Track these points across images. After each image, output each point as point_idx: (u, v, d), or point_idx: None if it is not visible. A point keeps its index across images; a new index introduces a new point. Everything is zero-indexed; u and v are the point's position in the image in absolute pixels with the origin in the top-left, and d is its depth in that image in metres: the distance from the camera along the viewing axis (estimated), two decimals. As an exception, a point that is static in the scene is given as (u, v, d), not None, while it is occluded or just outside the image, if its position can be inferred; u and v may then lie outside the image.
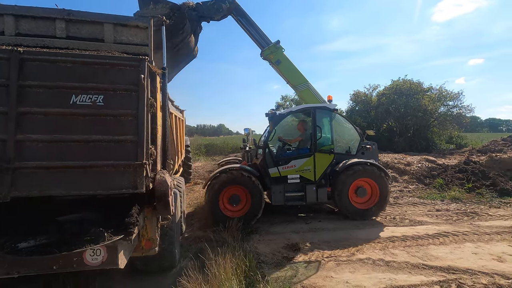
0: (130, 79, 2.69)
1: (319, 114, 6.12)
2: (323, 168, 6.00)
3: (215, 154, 25.09)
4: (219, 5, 6.63)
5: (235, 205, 5.71)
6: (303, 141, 6.35)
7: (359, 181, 5.89)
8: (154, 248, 3.25)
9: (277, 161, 5.99)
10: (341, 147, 6.40)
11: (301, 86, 7.14)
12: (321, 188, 5.93)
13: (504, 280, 3.46)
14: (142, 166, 2.61)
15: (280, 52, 7.09)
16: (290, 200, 5.92)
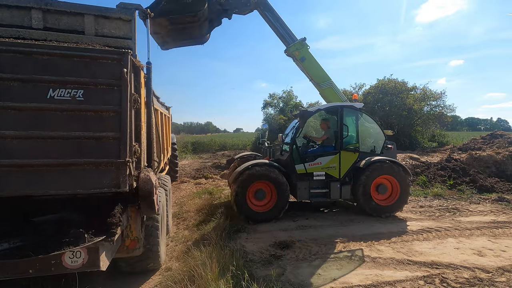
0: (112, 73, 2.58)
1: (346, 113, 6.18)
2: (348, 166, 6.08)
3: (202, 152, 24.84)
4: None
5: (261, 200, 5.81)
6: (328, 139, 6.41)
7: (380, 179, 5.99)
8: (139, 248, 3.16)
9: (304, 158, 6.07)
10: (366, 146, 6.44)
11: (324, 84, 7.10)
12: (344, 186, 6.04)
13: (484, 273, 3.56)
14: (125, 164, 2.51)
15: (306, 49, 7.05)
16: (315, 196, 6.05)
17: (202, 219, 5.91)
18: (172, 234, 5.35)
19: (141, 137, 3.09)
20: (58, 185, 2.38)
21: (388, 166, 5.91)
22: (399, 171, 5.93)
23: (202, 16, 5.85)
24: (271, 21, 6.96)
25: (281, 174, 5.75)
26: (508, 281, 3.38)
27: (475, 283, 3.34)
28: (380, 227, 5.34)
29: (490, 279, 3.43)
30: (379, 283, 3.36)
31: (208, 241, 4.51)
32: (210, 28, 6.68)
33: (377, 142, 6.45)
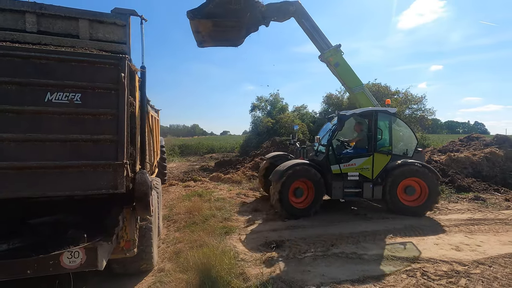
0: (110, 78, 2.64)
1: (380, 117, 6.48)
2: (381, 167, 6.36)
3: (189, 154, 24.72)
4: (286, 8, 6.87)
5: (299, 198, 6.24)
6: (361, 141, 6.66)
7: (408, 180, 6.23)
8: (133, 249, 3.21)
9: (339, 159, 6.42)
10: (399, 149, 6.71)
11: (356, 88, 7.35)
12: (377, 186, 6.31)
13: (461, 267, 3.82)
14: (123, 166, 2.58)
15: (340, 55, 7.26)
16: (348, 195, 6.38)
17: (192, 221, 5.96)
18: (163, 236, 5.37)
19: (136, 140, 3.16)
20: (56, 186, 2.41)
21: (415, 169, 6.14)
22: (426, 173, 6.12)
23: (243, 22, 6.28)
24: (308, 28, 7.21)
25: (318, 174, 6.18)
26: (482, 272, 3.65)
27: (452, 275, 3.59)
28: (366, 226, 5.57)
29: (466, 271, 3.68)
30: (365, 277, 3.55)
31: (199, 242, 4.59)
32: (247, 33, 6.97)
33: (409, 146, 6.71)
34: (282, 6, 6.89)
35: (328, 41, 7.33)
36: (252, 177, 10.85)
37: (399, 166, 6.22)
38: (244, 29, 6.61)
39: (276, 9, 6.89)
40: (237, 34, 6.76)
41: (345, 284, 3.40)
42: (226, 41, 7.17)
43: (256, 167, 11.75)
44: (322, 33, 7.33)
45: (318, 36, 7.29)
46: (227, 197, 8.22)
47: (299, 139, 8.02)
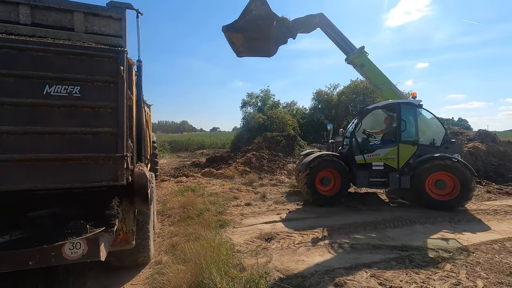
0: (109, 71, 2.66)
1: (404, 109, 6.64)
2: (407, 157, 6.52)
3: (180, 151, 24.60)
4: (310, 20, 7.43)
5: (326, 186, 6.69)
6: (388, 133, 6.90)
7: (438, 174, 6.21)
8: (131, 241, 3.25)
9: (362, 149, 6.76)
10: (426, 139, 6.79)
11: (383, 86, 7.54)
12: (404, 176, 6.44)
13: (446, 253, 4.03)
14: (123, 158, 2.61)
15: (364, 56, 7.54)
16: (373, 184, 6.65)
17: (187, 215, 6.00)
18: (157, 230, 5.40)
19: (133, 134, 3.18)
20: (57, 179, 2.43)
21: (446, 163, 6.12)
22: (459, 168, 6.06)
23: (270, 36, 6.97)
24: (332, 35, 7.62)
25: (343, 164, 6.61)
26: (466, 258, 3.86)
27: (438, 261, 3.78)
28: (356, 217, 5.75)
29: (451, 257, 3.89)
30: (358, 265, 3.70)
31: (195, 235, 4.65)
32: (277, 45, 7.55)
33: (436, 135, 6.79)
34: (307, 19, 7.41)
35: (352, 44, 7.65)
36: (244, 172, 10.94)
37: (429, 160, 6.23)
38: (273, 42, 7.27)
39: (301, 23, 7.41)
40: (267, 46, 7.41)
41: (338, 272, 3.54)
42: (259, 52, 7.75)
43: (248, 163, 11.85)
44: (346, 38, 7.68)
45: (342, 41, 7.63)
46: (220, 191, 8.29)
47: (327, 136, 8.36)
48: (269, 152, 12.93)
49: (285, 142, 13.82)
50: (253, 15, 6.73)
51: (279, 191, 8.51)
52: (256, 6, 6.69)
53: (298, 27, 7.47)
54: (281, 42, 7.56)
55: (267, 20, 6.70)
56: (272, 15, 6.86)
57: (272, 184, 9.47)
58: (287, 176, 10.66)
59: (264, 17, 6.69)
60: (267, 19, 6.71)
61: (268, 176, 10.71)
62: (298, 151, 13.53)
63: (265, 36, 6.92)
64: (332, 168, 6.64)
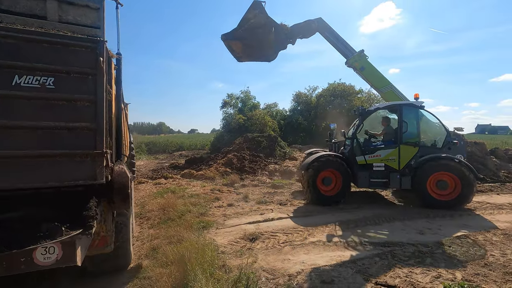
0: (86, 62, 2.48)
1: (406, 110, 6.67)
2: (408, 158, 6.53)
3: (157, 152, 23.90)
4: (309, 25, 7.49)
5: (327, 186, 6.69)
6: (389, 134, 6.92)
7: (440, 175, 6.19)
8: (110, 245, 3.05)
9: (364, 150, 6.78)
10: (427, 140, 6.81)
11: (384, 88, 7.57)
12: (405, 177, 6.46)
13: (425, 248, 4.17)
14: (102, 155, 2.44)
15: (364, 59, 7.58)
16: (374, 185, 6.69)
17: (167, 217, 5.80)
18: (136, 234, 5.16)
19: (112, 131, 3.00)
20: (27, 178, 2.22)
21: (445, 164, 6.13)
22: (459, 168, 6.06)
23: (268, 43, 7.05)
24: (331, 39, 7.68)
25: (344, 164, 6.65)
26: (443, 252, 4.02)
27: (418, 255, 3.90)
28: (339, 216, 5.83)
29: (430, 251, 4.03)
30: (343, 262, 3.73)
31: (178, 237, 4.49)
32: (276, 50, 7.63)
33: (438, 137, 6.79)
34: (305, 25, 7.53)
35: (351, 48, 7.72)
36: (226, 173, 10.80)
37: (430, 160, 6.24)
38: (272, 48, 7.41)
39: (300, 29, 7.52)
40: (266, 52, 7.53)
41: (324, 269, 3.55)
42: (258, 58, 7.85)
43: (229, 163, 11.72)
44: (345, 41, 7.75)
45: (342, 45, 7.71)
46: (201, 193, 8.11)
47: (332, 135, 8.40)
48: (250, 152, 12.87)
49: (266, 143, 13.82)
50: (251, 24, 6.87)
51: (261, 191, 8.47)
52: (254, 15, 6.81)
53: (297, 33, 7.56)
54: (281, 48, 7.65)
55: (266, 28, 6.80)
56: (271, 23, 6.93)
57: (254, 185, 9.41)
58: (269, 177, 10.65)
59: (263, 26, 6.80)
60: (266, 27, 6.81)
61: (249, 176, 10.64)
62: (279, 152, 13.59)
63: (264, 43, 7.06)
64: (334, 168, 6.68)
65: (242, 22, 7.03)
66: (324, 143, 18.49)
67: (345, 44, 7.75)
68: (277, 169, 11.39)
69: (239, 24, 7.06)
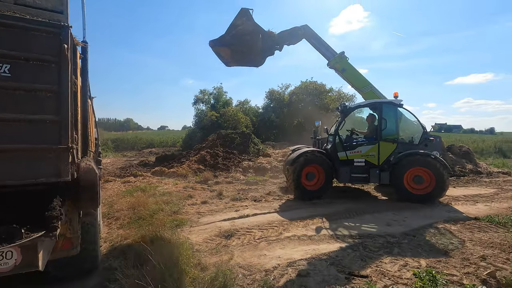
0: (49, 48, 2.26)
1: (385, 108, 6.90)
2: (387, 154, 6.78)
3: (125, 150, 22.87)
4: (296, 32, 7.68)
5: (311, 181, 6.90)
6: (373, 130, 7.13)
7: (416, 170, 6.42)
8: (75, 247, 2.84)
9: (345, 146, 7.00)
10: (405, 137, 7.03)
11: (365, 88, 7.70)
12: (383, 172, 6.70)
13: (393, 238, 4.40)
14: (68, 150, 2.25)
15: (345, 61, 7.76)
16: (355, 180, 6.96)
17: (138, 216, 5.55)
18: (104, 235, 4.89)
19: (78, 124, 2.78)
20: (-21, 175, 1.98)
21: (422, 159, 6.37)
22: (433, 164, 6.30)
23: (256, 49, 7.21)
24: (316, 45, 7.90)
25: (327, 160, 6.88)
26: (409, 242, 4.27)
27: (387, 246, 4.11)
28: (313, 211, 5.96)
29: (397, 242, 4.26)
30: (317, 255, 3.82)
31: (150, 236, 4.31)
32: (264, 56, 7.74)
33: (415, 134, 7.05)
34: (292, 32, 7.72)
35: (333, 50, 7.91)
36: (199, 170, 10.60)
37: (407, 155, 6.49)
38: (259, 54, 7.52)
39: (287, 36, 7.67)
40: (254, 58, 7.67)
41: (300, 263, 3.60)
42: (246, 63, 7.92)
43: (202, 161, 11.52)
44: (327, 44, 7.95)
45: (324, 48, 7.89)
46: (173, 191, 7.89)
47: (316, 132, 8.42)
48: (223, 149, 12.74)
49: (239, 140, 13.75)
50: (239, 30, 6.98)
51: (235, 188, 8.43)
52: (242, 22, 6.94)
53: (284, 40, 7.74)
54: (268, 54, 7.81)
55: (253, 35, 6.94)
56: (258, 30, 7.06)
57: (227, 182, 9.33)
58: (243, 174, 10.63)
59: (250, 32, 6.94)
60: (253, 34, 6.95)
61: (223, 173, 10.54)
62: (253, 149, 13.61)
63: (251, 50, 7.20)
64: (317, 164, 6.87)
65: (230, 28, 7.13)
66: (297, 139, 18.81)
67: (327, 47, 7.95)
68: (251, 166, 11.40)
69: (227, 30, 7.16)
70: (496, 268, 3.35)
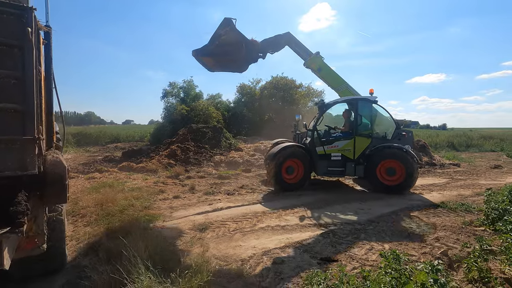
0: (10, 32, 2.09)
1: (361, 105, 7.22)
2: (362, 149, 7.12)
3: (88, 144, 21.54)
4: (279, 40, 7.84)
5: (290, 174, 7.15)
6: (350, 125, 7.39)
7: (388, 162, 6.79)
8: (41, 245, 2.69)
9: (323, 141, 7.25)
10: (379, 132, 7.32)
11: (340, 87, 7.83)
12: (359, 166, 7.06)
13: (359, 226, 4.71)
14: (34, 141, 2.12)
15: (320, 60, 7.90)
16: (332, 173, 7.30)
17: (106, 213, 5.32)
18: (70, 233, 4.64)
19: (42, 115, 2.62)
20: None
21: (392, 152, 6.74)
22: (404, 156, 6.66)
23: (239, 59, 7.31)
24: (297, 50, 8.03)
25: (305, 154, 7.15)
26: (374, 228, 4.59)
27: (354, 232, 4.39)
28: (284, 202, 6.15)
29: (363, 228, 4.57)
30: (291, 244, 3.97)
31: (121, 232, 4.18)
32: (247, 64, 7.88)
33: (388, 129, 7.31)
34: (275, 40, 7.81)
35: (309, 51, 8.03)
36: (169, 165, 10.36)
37: (379, 149, 6.87)
38: (243, 62, 7.66)
39: (270, 43, 7.77)
40: (238, 66, 7.91)
41: (275, 251, 3.73)
42: (230, 69, 8.10)
43: (173, 155, 11.27)
44: (304, 46, 8.08)
45: (302, 51, 8.02)
46: (143, 186, 7.66)
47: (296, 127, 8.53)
48: (195, 144, 12.54)
49: (211, 134, 13.61)
50: (222, 40, 7.03)
51: (208, 182, 8.38)
52: (225, 31, 7.01)
53: (267, 48, 7.83)
54: (252, 61, 7.92)
55: (236, 45, 7.01)
56: (241, 40, 7.11)
57: (200, 176, 9.24)
58: (215, 168, 10.58)
59: (233, 42, 7.00)
60: (236, 44, 7.02)
61: (195, 168, 10.41)
62: (225, 143, 13.56)
63: (235, 59, 7.31)
64: (296, 158, 7.11)
65: (213, 38, 7.17)
66: (268, 134, 19.03)
67: (304, 48, 8.11)
68: (223, 160, 11.38)
69: (210, 40, 7.21)
70: (448, 248, 3.75)
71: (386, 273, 2.37)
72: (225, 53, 7.12)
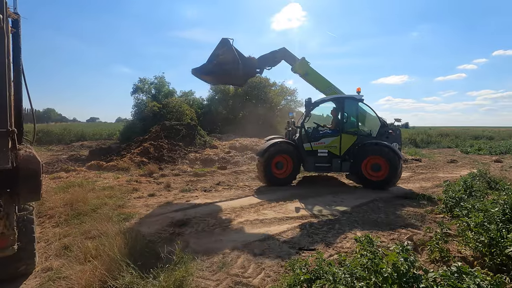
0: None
1: (347, 103, 7.48)
2: (348, 146, 7.35)
3: (50, 143, 20.17)
4: (275, 56, 8.01)
5: (280, 169, 7.39)
6: (337, 123, 7.62)
7: (373, 158, 6.99)
8: (11, 246, 2.56)
9: (310, 138, 7.50)
10: (364, 130, 7.58)
11: (327, 90, 8.06)
12: (344, 162, 7.32)
13: (334, 217, 4.96)
14: (7, 135, 2.02)
15: (307, 65, 8.05)
16: (319, 169, 7.52)
17: (77, 213, 5.09)
18: (37, 234, 4.36)
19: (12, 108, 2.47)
20: None
21: (376, 148, 6.95)
22: (387, 152, 6.85)
23: (237, 76, 7.43)
24: (289, 61, 8.14)
25: (294, 150, 7.40)
26: (347, 218, 4.86)
27: (329, 223, 4.63)
28: (262, 197, 6.27)
29: (337, 219, 4.82)
30: (270, 236, 4.10)
31: (95, 232, 4.04)
32: (246, 79, 8.26)
33: (373, 127, 7.56)
34: (272, 56, 8.00)
35: (295, 57, 8.17)
36: (142, 163, 10.06)
37: (364, 146, 7.11)
38: (241, 78, 7.84)
39: (266, 59, 7.95)
40: (236, 82, 8.36)
41: (255, 244, 3.83)
42: (230, 84, 8.88)
43: (146, 153, 10.96)
44: (293, 55, 8.22)
45: (289, 57, 8.14)
46: (115, 185, 7.38)
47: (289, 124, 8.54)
48: (168, 141, 12.26)
49: (185, 132, 13.37)
50: (220, 59, 7.23)
51: (183, 180, 8.27)
52: (223, 51, 7.23)
53: (264, 64, 8.00)
54: (250, 76, 8.20)
55: (234, 64, 7.14)
56: (239, 59, 7.22)
57: (175, 174, 9.08)
58: (190, 165, 10.45)
59: (231, 62, 7.14)
60: (234, 63, 7.15)
61: (169, 166, 10.20)
62: (199, 141, 13.41)
63: (233, 77, 7.52)
64: (286, 153, 7.35)
65: (211, 57, 7.36)
66: (243, 131, 19.09)
67: (293, 56, 8.24)
68: (198, 158, 11.27)
69: (208, 59, 7.39)
70: (413, 233, 4.09)
71: (361, 256, 2.55)
72: (223, 72, 7.32)
